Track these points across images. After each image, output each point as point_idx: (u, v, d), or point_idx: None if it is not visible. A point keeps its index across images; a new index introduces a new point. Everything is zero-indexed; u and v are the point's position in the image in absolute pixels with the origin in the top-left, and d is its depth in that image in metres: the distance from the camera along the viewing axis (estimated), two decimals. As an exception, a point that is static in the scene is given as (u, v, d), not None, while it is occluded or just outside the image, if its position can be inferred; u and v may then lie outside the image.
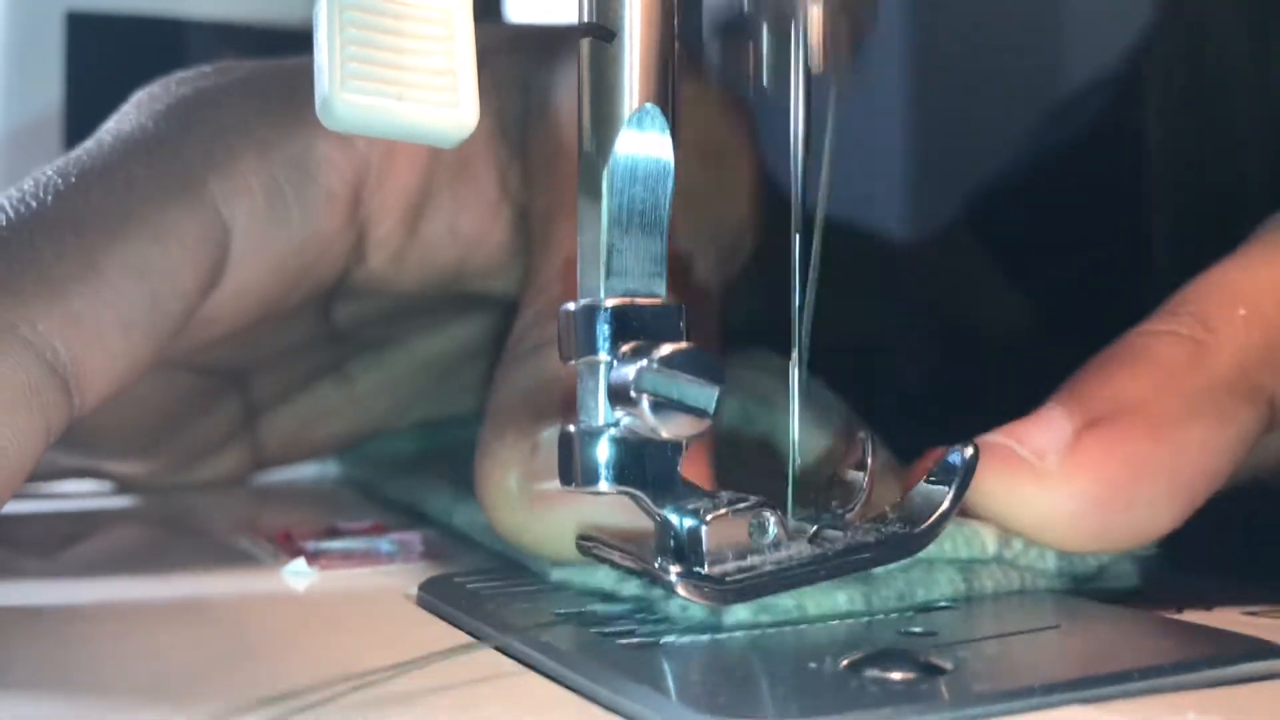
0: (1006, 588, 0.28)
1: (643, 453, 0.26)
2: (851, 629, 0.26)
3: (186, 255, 0.32)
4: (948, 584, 0.28)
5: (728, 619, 0.26)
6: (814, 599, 0.26)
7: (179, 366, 0.40)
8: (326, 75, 0.28)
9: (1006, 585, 0.28)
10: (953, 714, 0.22)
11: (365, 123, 0.28)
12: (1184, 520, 0.28)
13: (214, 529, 0.40)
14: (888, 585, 0.27)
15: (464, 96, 0.29)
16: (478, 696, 0.24)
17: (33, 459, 0.28)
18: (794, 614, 0.26)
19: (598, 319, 0.25)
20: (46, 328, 0.29)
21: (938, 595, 0.28)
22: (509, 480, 0.29)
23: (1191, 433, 0.27)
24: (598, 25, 0.24)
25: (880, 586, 0.27)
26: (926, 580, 0.28)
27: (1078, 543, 0.28)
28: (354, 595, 0.32)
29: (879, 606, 0.27)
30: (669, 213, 0.25)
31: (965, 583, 0.28)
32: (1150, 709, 0.22)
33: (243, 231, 0.34)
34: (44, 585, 0.34)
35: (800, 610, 0.26)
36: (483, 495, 0.30)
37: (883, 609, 0.27)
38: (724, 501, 0.26)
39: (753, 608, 0.26)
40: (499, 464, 0.29)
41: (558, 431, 0.28)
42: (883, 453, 0.31)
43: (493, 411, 0.31)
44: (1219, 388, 0.28)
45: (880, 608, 0.27)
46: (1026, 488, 0.28)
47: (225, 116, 0.35)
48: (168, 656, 0.27)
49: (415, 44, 0.29)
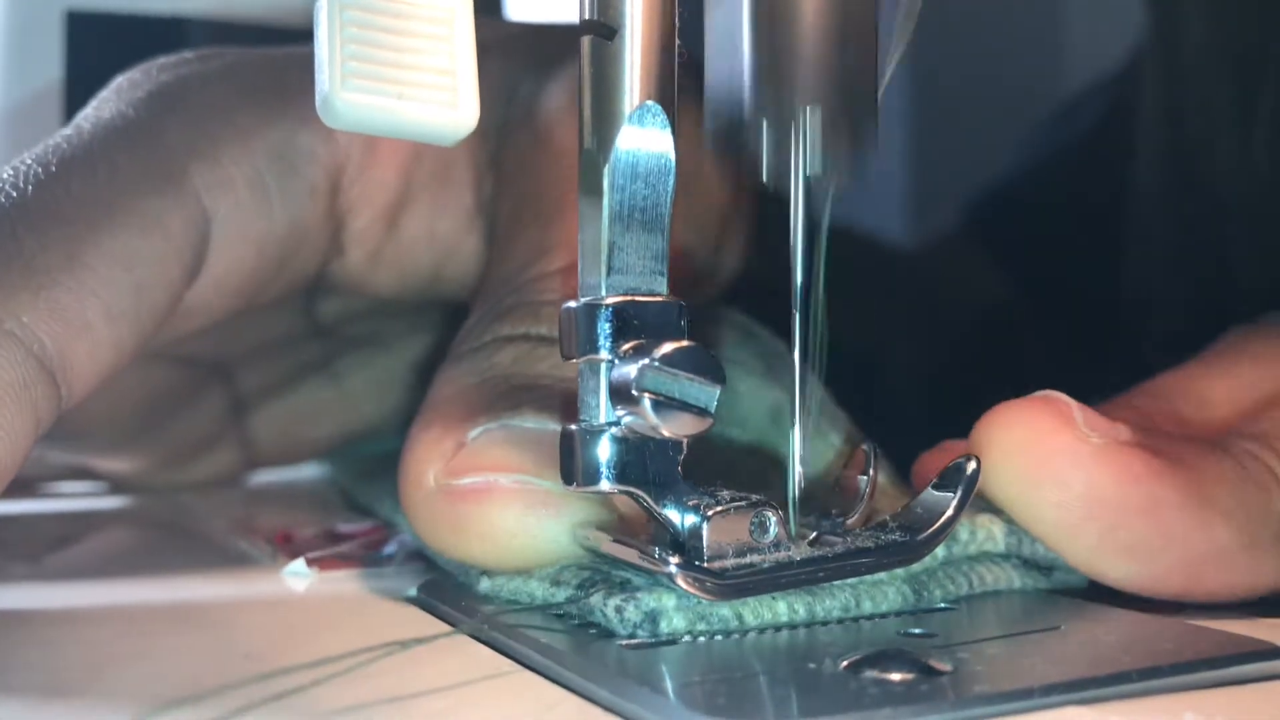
0: (955, 594, 0.28)
1: (644, 451, 0.26)
2: (851, 630, 0.26)
3: (170, 245, 0.32)
4: (896, 596, 0.27)
5: (663, 626, 0.25)
6: (752, 608, 0.26)
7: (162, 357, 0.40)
8: (326, 74, 0.28)
9: (955, 592, 0.28)
10: (952, 715, 0.22)
11: (365, 121, 0.28)
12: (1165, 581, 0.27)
13: (211, 530, 0.40)
14: (832, 596, 0.27)
15: (464, 96, 0.29)
16: (478, 696, 0.24)
17: (23, 454, 0.28)
18: (732, 623, 0.26)
19: (599, 317, 0.25)
20: (32, 320, 0.28)
21: (885, 608, 0.27)
22: (427, 478, 0.28)
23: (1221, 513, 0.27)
24: (599, 22, 0.24)
25: (824, 597, 0.26)
26: (873, 592, 0.27)
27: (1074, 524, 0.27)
28: (352, 597, 0.32)
29: (821, 617, 0.26)
30: (670, 210, 0.25)
31: (915, 595, 0.27)
32: (1149, 710, 0.22)
33: (224, 221, 0.33)
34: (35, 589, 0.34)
35: (739, 620, 0.26)
36: (401, 492, 0.29)
37: (825, 619, 0.26)
38: (725, 499, 0.26)
39: (690, 616, 0.26)
40: (418, 460, 0.29)
41: (483, 431, 0.28)
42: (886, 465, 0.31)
43: (423, 409, 0.30)
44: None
45: (823, 618, 0.26)
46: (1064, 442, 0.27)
47: (207, 104, 0.34)
48: (163, 659, 0.27)
49: (415, 43, 0.29)
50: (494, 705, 0.23)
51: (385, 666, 0.25)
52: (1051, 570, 0.29)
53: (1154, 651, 0.24)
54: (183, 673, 0.26)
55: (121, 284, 0.30)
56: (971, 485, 0.27)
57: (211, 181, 0.33)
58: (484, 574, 0.29)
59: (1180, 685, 0.23)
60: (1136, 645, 0.25)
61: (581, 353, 0.25)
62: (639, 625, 0.25)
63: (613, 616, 0.26)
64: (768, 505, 0.26)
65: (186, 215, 0.32)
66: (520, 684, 0.24)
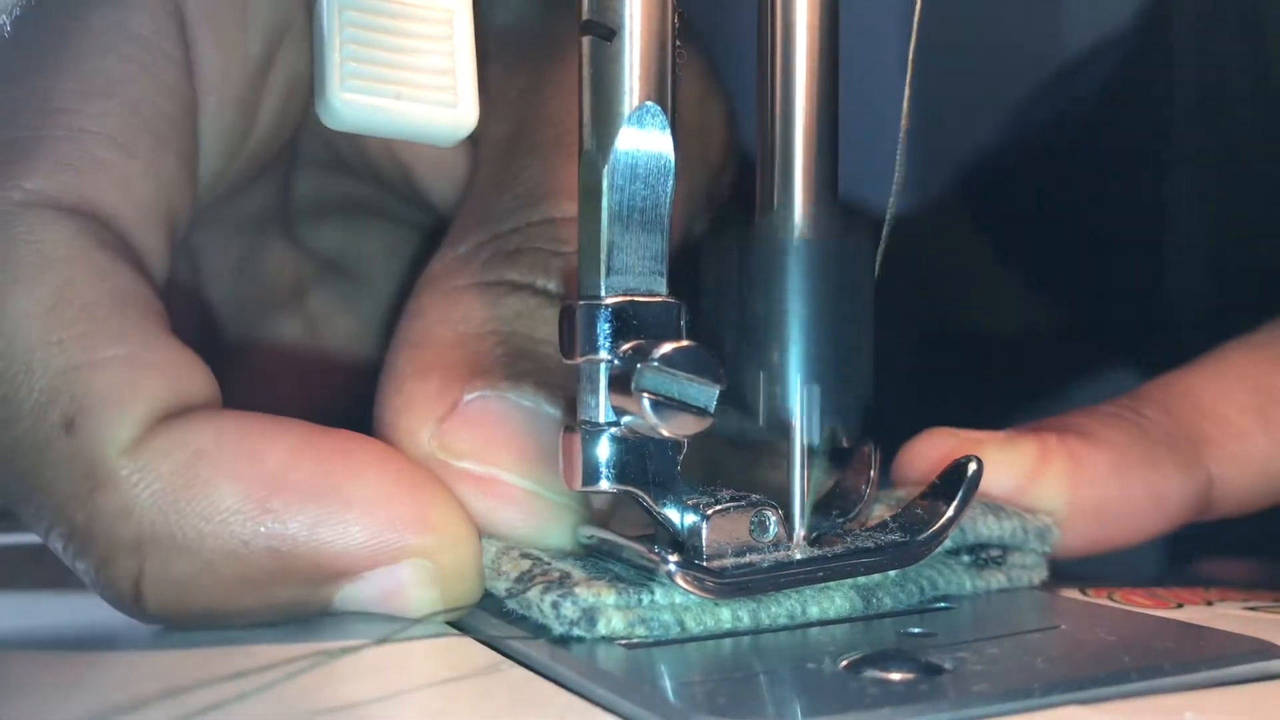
0: (907, 603, 0.28)
1: (644, 451, 0.26)
2: (851, 630, 0.26)
3: (150, 52, 0.30)
4: (843, 602, 0.27)
5: (600, 626, 0.25)
6: (694, 614, 0.26)
7: None
8: (326, 75, 0.28)
9: (907, 601, 0.28)
10: (952, 714, 0.22)
11: (365, 121, 0.28)
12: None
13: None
14: (778, 604, 0.26)
15: (463, 96, 0.29)
16: (477, 696, 0.24)
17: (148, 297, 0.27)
18: (674, 630, 0.25)
19: (598, 317, 0.25)
20: (36, 182, 0.27)
21: (833, 614, 0.27)
22: (421, 436, 0.28)
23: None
24: (598, 23, 0.24)
25: (770, 604, 0.26)
26: (820, 599, 0.27)
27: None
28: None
29: (766, 624, 0.26)
30: (669, 210, 0.25)
31: (863, 601, 0.27)
32: (1149, 710, 0.22)
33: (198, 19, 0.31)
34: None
35: (680, 627, 0.25)
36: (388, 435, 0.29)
37: (770, 626, 0.26)
38: (725, 498, 0.26)
39: (629, 620, 0.25)
40: (413, 413, 0.28)
41: (480, 397, 0.28)
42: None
43: (417, 343, 0.30)
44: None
45: (768, 625, 0.26)
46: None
47: None
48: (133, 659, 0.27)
49: (415, 44, 0.29)
50: (493, 704, 0.23)
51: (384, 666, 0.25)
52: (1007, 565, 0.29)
53: (1154, 651, 0.24)
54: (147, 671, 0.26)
55: (113, 111, 0.29)
56: (973, 486, 0.27)
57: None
58: None
59: (1180, 685, 0.23)
60: (1136, 645, 0.25)
61: (581, 353, 0.25)
62: (575, 622, 0.25)
63: (549, 612, 0.25)
64: (767, 505, 0.26)
65: (156, 11, 0.30)
66: (520, 683, 0.24)
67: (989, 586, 0.29)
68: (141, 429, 0.26)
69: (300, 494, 0.26)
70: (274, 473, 0.26)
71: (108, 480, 0.26)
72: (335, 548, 0.26)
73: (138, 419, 0.26)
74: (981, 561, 0.29)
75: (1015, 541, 0.29)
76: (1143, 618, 0.27)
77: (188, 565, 0.26)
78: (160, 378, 0.26)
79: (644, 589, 0.25)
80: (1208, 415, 0.32)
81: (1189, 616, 0.28)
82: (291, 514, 0.26)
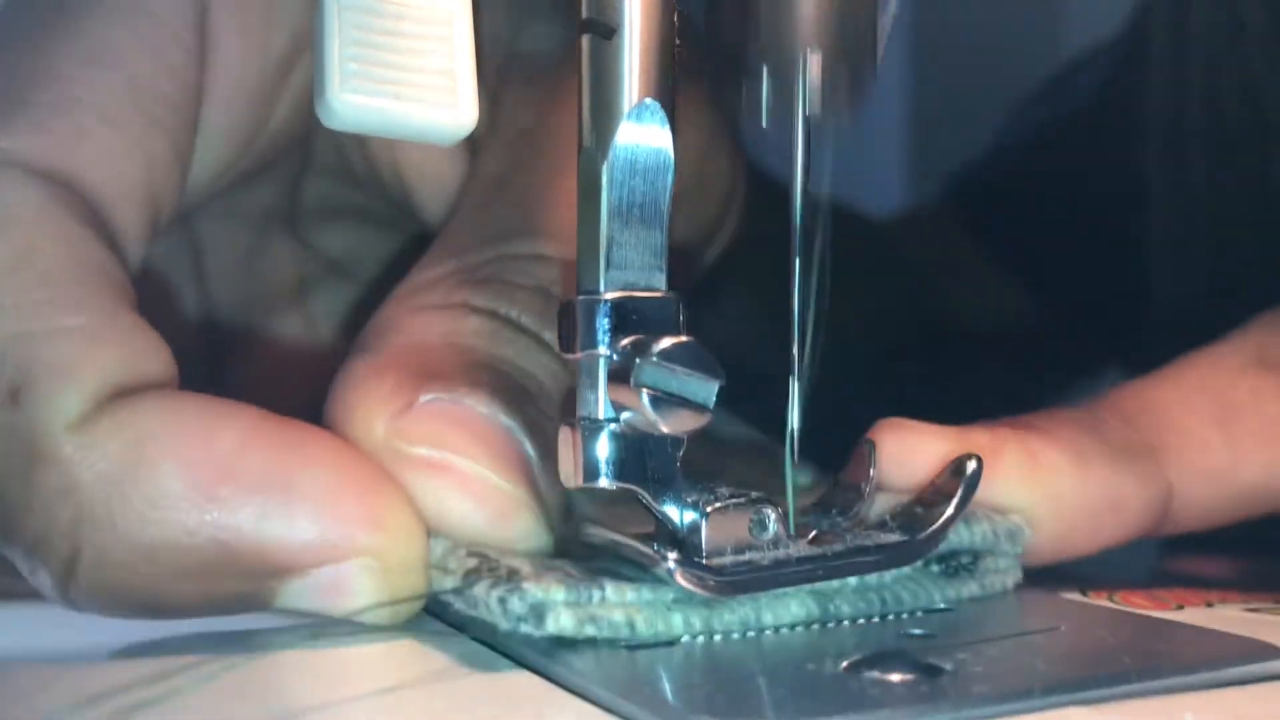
0: (867, 612, 0.27)
1: (643, 448, 0.25)
2: (851, 631, 0.26)
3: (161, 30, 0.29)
4: (799, 609, 0.26)
5: (549, 624, 0.24)
6: (645, 616, 0.25)
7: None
8: (326, 75, 0.28)
9: (868, 610, 0.27)
10: (952, 715, 0.22)
11: (365, 122, 0.28)
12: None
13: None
14: (731, 611, 0.26)
15: (463, 96, 0.29)
16: (476, 696, 0.24)
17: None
18: (622, 631, 0.25)
19: (597, 312, 0.25)
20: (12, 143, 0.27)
21: (789, 620, 0.26)
22: (375, 427, 0.27)
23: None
24: (597, 21, 0.24)
25: (723, 612, 0.26)
26: (775, 606, 0.26)
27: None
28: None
29: (718, 630, 0.26)
30: (669, 206, 0.25)
31: (820, 609, 0.26)
32: (1149, 710, 0.22)
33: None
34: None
35: (630, 628, 0.25)
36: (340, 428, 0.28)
37: (722, 631, 0.26)
38: (724, 496, 0.26)
39: (579, 618, 0.25)
40: (367, 404, 0.27)
41: (435, 399, 0.27)
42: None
43: (379, 349, 0.29)
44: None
45: (720, 630, 0.26)
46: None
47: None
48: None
49: (415, 44, 0.29)
50: (493, 704, 0.23)
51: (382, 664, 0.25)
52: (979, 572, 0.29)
53: (1154, 651, 0.24)
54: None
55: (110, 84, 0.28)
56: (973, 484, 0.27)
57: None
58: None
59: (1180, 685, 0.23)
60: (1136, 645, 0.25)
61: (581, 348, 0.25)
62: (523, 618, 0.25)
63: (495, 608, 0.25)
64: (767, 502, 0.26)
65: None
66: (519, 683, 0.24)
67: (960, 596, 0.28)
68: (90, 405, 0.25)
69: (249, 484, 0.25)
70: (224, 460, 0.25)
71: (50, 456, 0.25)
72: (282, 542, 0.25)
73: (87, 394, 0.25)
74: (952, 570, 0.28)
75: (986, 545, 0.28)
76: (1143, 619, 0.27)
77: (126, 552, 0.25)
78: (115, 353, 0.26)
79: (595, 586, 0.25)
80: (1169, 426, 0.31)
81: (1189, 618, 0.28)
82: (239, 504, 0.25)
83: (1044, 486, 0.29)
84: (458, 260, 0.31)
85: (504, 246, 0.31)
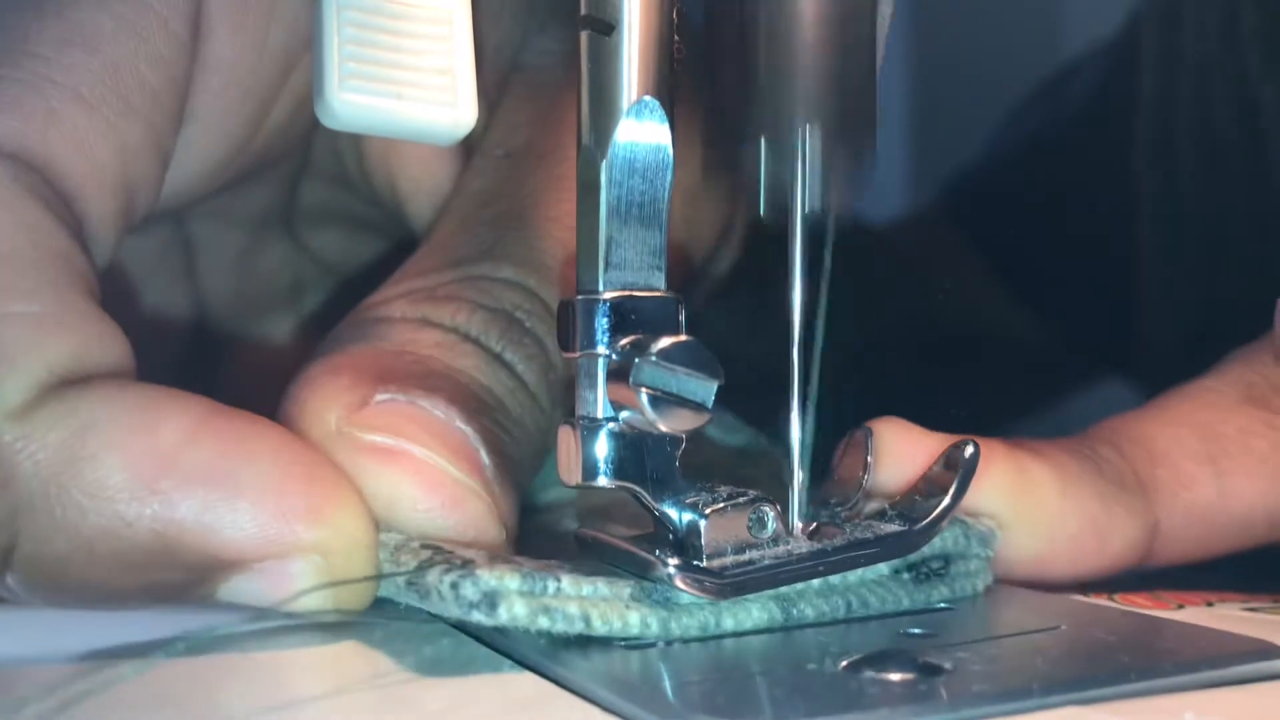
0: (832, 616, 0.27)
1: (642, 447, 0.25)
2: (851, 630, 0.26)
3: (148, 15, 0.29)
4: (761, 613, 0.26)
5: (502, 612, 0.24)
6: (601, 612, 0.25)
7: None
8: (325, 74, 0.28)
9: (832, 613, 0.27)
10: (951, 714, 0.22)
11: (364, 122, 0.28)
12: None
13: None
14: (690, 614, 0.25)
15: (462, 96, 0.29)
16: (475, 696, 0.24)
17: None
18: (577, 624, 0.24)
19: (596, 312, 0.25)
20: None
21: (750, 625, 0.26)
22: (328, 418, 0.27)
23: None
24: (596, 18, 0.24)
25: (681, 615, 0.25)
26: (735, 610, 0.26)
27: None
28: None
29: (677, 634, 0.25)
30: (668, 205, 0.25)
31: (783, 612, 0.26)
32: (1149, 710, 0.22)
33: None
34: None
35: (585, 622, 0.25)
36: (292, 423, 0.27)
37: (681, 636, 0.25)
38: (723, 496, 0.26)
39: (532, 608, 0.24)
40: (321, 399, 0.27)
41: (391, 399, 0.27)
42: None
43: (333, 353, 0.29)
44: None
45: (679, 635, 0.25)
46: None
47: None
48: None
49: (414, 44, 0.29)
50: (492, 704, 0.23)
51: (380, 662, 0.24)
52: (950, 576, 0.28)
53: (1154, 651, 0.24)
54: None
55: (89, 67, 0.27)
56: (969, 471, 0.27)
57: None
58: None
59: (1180, 685, 0.23)
60: (1136, 645, 0.25)
61: (580, 348, 0.25)
62: (475, 605, 0.24)
63: (448, 594, 0.24)
64: (766, 501, 0.26)
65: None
66: (518, 683, 0.24)
67: (930, 601, 0.28)
68: (33, 393, 0.25)
69: (191, 476, 0.25)
70: (166, 451, 0.25)
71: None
72: (223, 536, 0.25)
73: (31, 382, 0.25)
74: (923, 576, 0.28)
75: (958, 550, 0.28)
76: (1143, 618, 0.27)
77: (65, 543, 0.24)
78: (65, 341, 0.25)
79: (551, 578, 0.25)
80: (1159, 461, 0.31)
81: (1189, 617, 0.28)
82: (180, 496, 0.25)
83: (1028, 501, 0.29)
84: (424, 279, 0.31)
85: (471, 268, 0.31)
